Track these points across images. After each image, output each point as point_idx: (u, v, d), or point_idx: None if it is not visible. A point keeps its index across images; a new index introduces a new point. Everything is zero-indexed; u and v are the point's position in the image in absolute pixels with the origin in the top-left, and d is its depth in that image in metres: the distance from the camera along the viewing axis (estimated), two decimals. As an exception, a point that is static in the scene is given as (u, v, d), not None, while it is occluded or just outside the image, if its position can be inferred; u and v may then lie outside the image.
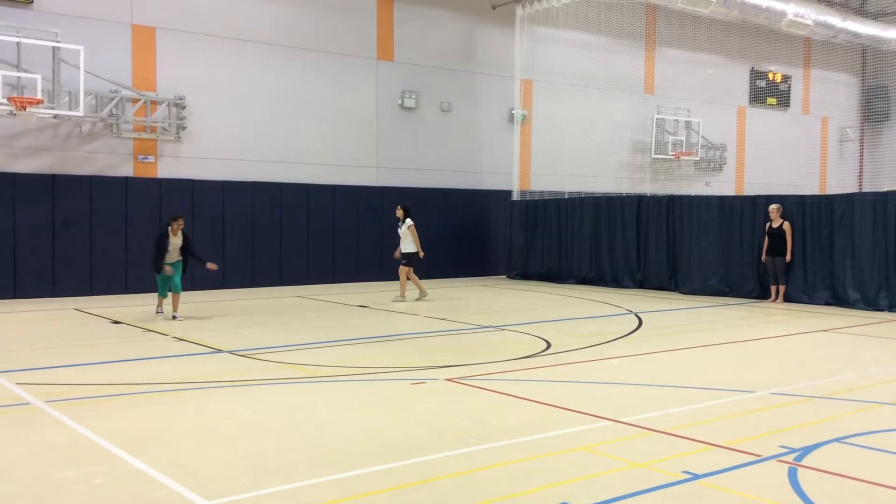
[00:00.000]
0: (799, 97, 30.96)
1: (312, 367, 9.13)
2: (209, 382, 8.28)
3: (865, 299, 15.02)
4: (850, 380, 8.56)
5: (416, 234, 15.69)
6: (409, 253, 15.70)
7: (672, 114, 26.56)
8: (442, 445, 6.03)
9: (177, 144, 17.97)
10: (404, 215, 15.75)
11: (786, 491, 5.05)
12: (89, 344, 10.74)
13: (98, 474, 5.34)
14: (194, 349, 10.30)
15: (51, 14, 16.24)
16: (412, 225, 15.70)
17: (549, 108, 23.63)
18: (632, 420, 6.73)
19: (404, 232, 15.70)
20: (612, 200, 20.09)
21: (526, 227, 21.70)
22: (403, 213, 15.77)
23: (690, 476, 5.30)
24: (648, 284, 18.90)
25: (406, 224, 15.67)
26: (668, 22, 25.97)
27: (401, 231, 15.79)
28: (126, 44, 17.30)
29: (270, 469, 5.47)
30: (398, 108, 21.30)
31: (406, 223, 15.68)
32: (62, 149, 16.67)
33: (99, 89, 16.67)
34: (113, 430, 6.39)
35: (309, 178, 19.66)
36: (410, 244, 15.70)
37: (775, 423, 6.71)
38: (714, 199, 17.94)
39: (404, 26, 21.31)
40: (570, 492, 5.03)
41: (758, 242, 16.57)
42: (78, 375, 8.66)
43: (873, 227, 15.00)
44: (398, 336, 11.59)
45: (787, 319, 13.68)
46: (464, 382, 8.25)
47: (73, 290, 16.38)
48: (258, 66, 19.02)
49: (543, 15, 22.21)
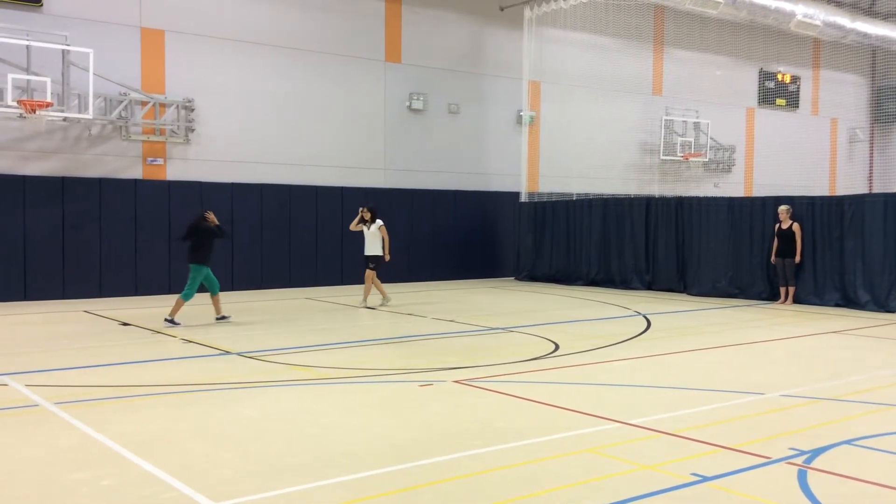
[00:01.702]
0: (808, 98, 30.84)
1: (320, 368, 9.13)
2: (217, 384, 8.29)
3: (876, 301, 14.93)
4: (860, 382, 8.51)
5: (387, 235, 15.14)
6: (377, 256, 15.05)
7: (680, 115, 26.49)
8: (449, 447, 6.02)
9: (185, 147, 18.03)
10: (372, 217, 15.02)
11: (795, 493, 5.02)
12: (98, 346, 10.77)
13: (106, 476, 5.35)
14: (203, 351, 10.32)
15: (60, 17, 16.33)
16: (383, 226, 15.05)
17: (557, 109, 23.60)
18: (640, 422, 6.71)
19: (374, 233, 14.99)
20: (621, 202, 20.05)
21: (534, 229, 21.67)
22: (371, 215, 15.02)
23: (699, 478, 5.28)
24: (657, 286, 18.85)
25: (377, 225, 14.97)
26: (676, 23, 25.89)
27: (369, 232, 15.03)
28: (135, 47, 17.37)
29: (278, 471, 5.47)
30: (406, 109, 21.31)
31: (377, 224, 14.98)
32: (71, 151, 16.74)
33: (108, 92, 16.74)
34: (121, 431, 6.41)
35: (317, 181, 19.70)
36: (378, 247, 15.02)
37: (784, 425, 6.68)
38: (723, 201, 17.88)
39: (412, 28, 21.33)
40: (578, 494, 5.01)
41: (767, 244, 16.50)
42: (86, 377, 8.68)
43: (884, 228, 14.92)
44: (406, 338, 11.59)
45: (797, 321, 13.61)
46: (471, 384, 8.24)
47: (82, 292, 16.45)
48: (266, 68, 19.07)
49: (551, 16, 22.20)
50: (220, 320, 13.02)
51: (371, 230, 15.02)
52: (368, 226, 15.05)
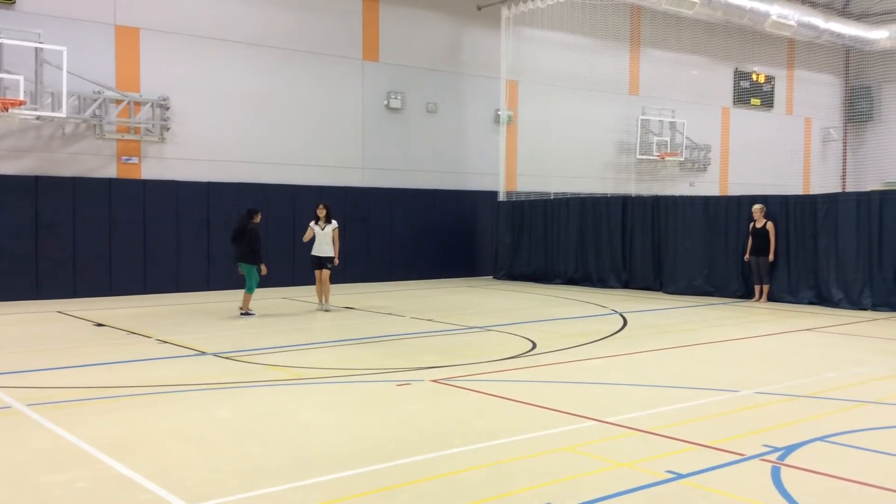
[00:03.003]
0: (782, 98, 31.16)
1: (297, 369, 9.10)
2: (193, 385, 8.24)
3: (849, 298, 15.12)
4: (834, 379, 8.62)
5: (338, 237, 14.64)
6: (331, 257, 14.50)
7: (657, 114, 26.65)
8: (427, 447, 6.02)
9: (161, 145, 17.88)
10: (327, 215, 14.49)
11: (769, 490, 5.08)
12: (72, 347, 10.66)
13: (80, 479, 5.30)
14: (178, 352, 10.25)
15: (33, 14, 16.13)
16: (338, 227, 14.58)
17: (535, 108, 23.68)
18: (616, 420, 6.75)
19: (328, 233, 14.43)
20: (598, 201, 20.15)
21: (512, 228, 21.72)
22: (326, 212, 14.48)
23: (674, 476, 5.32)
24: (634, 284, 18.96)
25: (333, 226, 14.46)
26: (652, 23, 26.06)
27: (322, 232, 14.43)
28: (109, 44, 17.20)
29: (255, 472, 5.44)
30: (384, 108, 21.28)
31: (333, 224, 14.47)
32: (45, 150, 16.55)
33: (82, 90, 16.57)
34: (95, 433, 6.35)
35: (295, 179, 19.62)
36: (331, 247, 14.47)
37: (759, 422, 6.75)
38: (698, 200, 18.02)
39: (390, 27, 21.29)
40: (555, 492, 5.03)
41: (742, 242, 16.65)
42: (60, 379, 8.59)
43: (857, 227, 15.10)
44: (384, 337, 11.57)
45: (771, 319, 13.75)
46: (449, 383, 8.25)
47: (56, 292, 16.27)
48: (243, 66, 18.96)
49: (529, 16, 22.26)
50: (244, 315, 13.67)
51: (326, 230, 14.45)
52: (323, 225, 14.47)
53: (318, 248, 14.53)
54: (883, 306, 14.66)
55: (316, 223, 14.57)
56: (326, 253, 14.50)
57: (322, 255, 14.52)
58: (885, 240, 14.77)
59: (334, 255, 14.54)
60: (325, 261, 14.53)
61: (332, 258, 14.56)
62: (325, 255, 14.50)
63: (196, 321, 13.23)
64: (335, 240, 14.53)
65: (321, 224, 14.51)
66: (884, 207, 14.85)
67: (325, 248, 14.49)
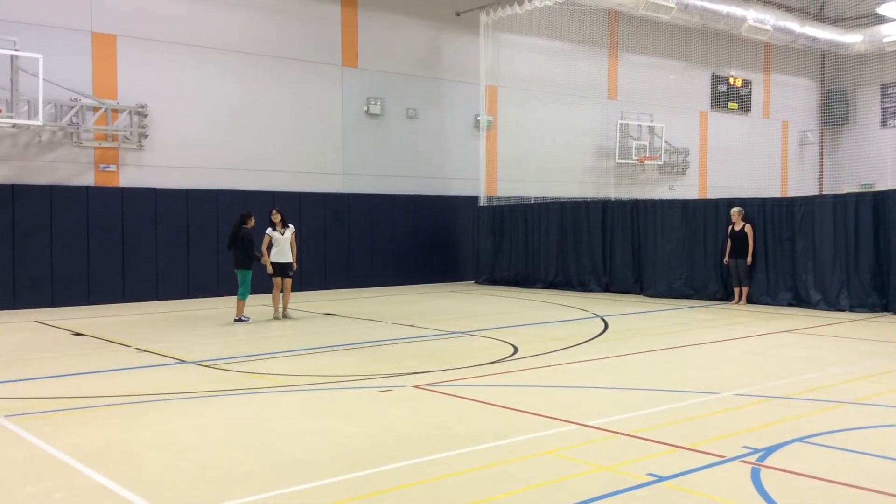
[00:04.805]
0: (759, 101, 31.44)
1: (278, 376, 9.06)
2: (172, 394, 8.18)
3: (827, 300, 15.25)
4: (812, 380, 8.68)
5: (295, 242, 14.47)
6: (291, 262, 14.26)
7: (635, 119, 26.81)
8: (409, 453, 6.01)
9: (139, 153, 17.77)
10: (283, 221, 14.24)
11: (749, 491, 5.10)
12: (49, 356, 10.55)
13: (57, 489, 5.24)
14: (157, 360, 10.17)
15: (8, 22, 15.99)
16: (294, 231, 14.45)
17: (514, 114, 23.74)
18: (597, 423, 6.76)
19: (287, 238, 14.20)
20: (578, 205, 20.22)
21: (493, 233, 21.76)
22: (281, 218, 14.24)
23: (655, 478, 5.34)
24: (614, 288, 19.04)
25: (291, 231, 14.26)
26: (630, 28, 26.23)
27: (283, 237, 14.17)
28: (86, 52, 17.09)
29: (235, 480, 5.41)
30: (364, 114, 21.26)
31: (291, 230, 14.27)
32: (21, 158, 16.40)
33: (58, 98, 16.44)
34: (73, 444, 6.28)
35: (275, 186, 19.54)
36: (290, 253, 14.27)
37: (738, 423, 6.79)
38: (677, 203, 18.13)
39: (369, 33, 21.29)
40: (537, 496, 5.03)
41: (721, 245, 16.77)
42: (37, 389, 8.50)
43: (833, 229, 15.24)
44: (365, 343, 11.54)
45: (751, 321, 13.85)
46: (431, 389, 8.24)
47: (33, 301, 16.11)
48: (221, 73, 18.89)
49: (507, 22, 22.33)
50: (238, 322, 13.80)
51: (285, 235, 14.19)
52: (282, 230, 14.20)
53: (278, 255, 14.22)
54: (860, 307, 14.80)
55: (273, 229, 14.24)
56: (287, 258, 14.25)
57: (284, 262, 14.24)
58: (862, 242, 14.92)
59: (290, 260, 14.26)
60: (286, 267, 14.27)
61: (292, 264, 14.31)
62: (287, 260, 14.25)
63: (176, 329, 13.14)
64: (292, 244, 14.34)
65: (279, 230, 14.22)
66: (860, 210, 15.00)
67: (286, 254, 14.24)
